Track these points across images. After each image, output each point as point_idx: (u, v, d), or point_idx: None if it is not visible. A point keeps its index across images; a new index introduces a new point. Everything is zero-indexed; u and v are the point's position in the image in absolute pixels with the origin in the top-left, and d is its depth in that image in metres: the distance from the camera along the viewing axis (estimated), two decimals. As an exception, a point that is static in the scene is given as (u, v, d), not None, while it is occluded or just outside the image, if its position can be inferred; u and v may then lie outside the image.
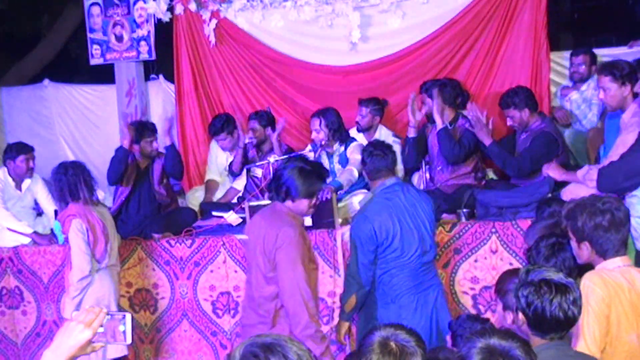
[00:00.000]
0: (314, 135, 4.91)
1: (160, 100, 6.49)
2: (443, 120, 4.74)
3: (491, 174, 5.16)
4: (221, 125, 5.56)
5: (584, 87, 5.22)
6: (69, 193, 4.22)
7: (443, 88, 4.78)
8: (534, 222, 3.59)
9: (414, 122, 4.86)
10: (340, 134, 4.87)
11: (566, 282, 2.31)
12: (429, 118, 4.98)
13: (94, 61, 6.35)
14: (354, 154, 4.77)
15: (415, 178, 5.34)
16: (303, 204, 3.38)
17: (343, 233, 4.40)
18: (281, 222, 3.30)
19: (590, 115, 5.14)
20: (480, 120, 4.55)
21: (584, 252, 2.74)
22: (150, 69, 6.44)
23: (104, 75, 6.64)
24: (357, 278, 3.57)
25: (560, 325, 2.31)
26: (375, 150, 3.71)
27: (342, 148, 4.91)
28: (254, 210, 4.51)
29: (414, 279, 3.59)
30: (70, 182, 4.23)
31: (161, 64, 6.46)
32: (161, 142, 5.22)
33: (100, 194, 5.00)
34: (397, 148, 5.48)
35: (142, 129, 5.08)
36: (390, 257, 3.57)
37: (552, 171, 4.36)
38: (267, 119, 5.35)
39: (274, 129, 5.30)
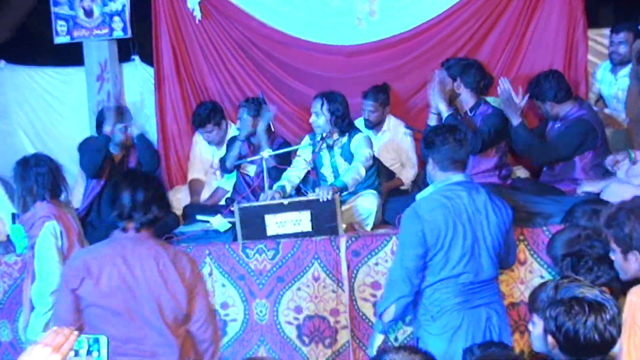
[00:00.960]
0: (312, 119, 4.81)
1: (136, 85, 6.44)
2: (463, 106, 4.70)
3: (519, 172, 5.12)
4: (207, 114, 5.52)
5: (623, 71, 5.15)
6: (37, 191, 4.10)
7: (468, 68, 4.74)
8: (563, 228, 3.53)
9: (435, 108, 4.68)
10: (343, 123, 4.83)
11: (602, 300, 2.30)
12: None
13: (58, 39, 6.29)
14: (361, 148, 4.71)
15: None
16: None
17: (347, 240, 4.37)
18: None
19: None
20: (511, 95, 4.48)
21: (631, 264, 2.69)
22: (125, 49, 6.38)
23: (71, 56, 6.55)
24: (399, 285, 3.44)
25: (597, 349, 2.30)
26: (452, 136, 3.51)
27: (345, 139, 4.85)
28: (245, 213, 4.51)
29: (460, 296, 3.45)
30: (40, 178, 4.10)
31: (138, 43, 6.39)
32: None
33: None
34: (408, 142, 5.49)
35: (115, 113, 5.05)
36: (435, 267, 3.44)
37: (589, 187, 4.30)
38: (258, 108, 5.28)
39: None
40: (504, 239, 3.55)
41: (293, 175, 4.93)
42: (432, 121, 4.71)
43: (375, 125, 5.38)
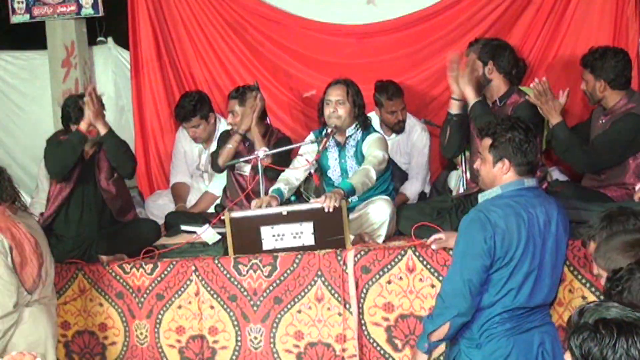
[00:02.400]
0: (330, 110, 4.81)
1: (109, 72, 6.49)
2: (492, 94, 4.70)
3: (556, 174, 5.17)
4: (192, 107, 5.54)
5: None
6: None
7: (501, 50, 4.76)
8: (608, 236, 3.50)
9: (457, 93, 4.67)
10: (363, 117, 4.89)
11: (634, 319, 2.29)
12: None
13: (16, 19, 6.33)
14: (374, 149, 4.77)
15: (453, 178, 5.39)
16: None
17: (356, 255, 4.41)
18: None
19: None
20: (547, 89, 4.47)
21: None
22: (96, 30, 6.45)
23: (31, 38, 6.61)
24: (457, 300, 3.38)
25: None
26: (530, 134, 3.49)
27: (359, 135, 4.92)
28: (237, 223, 4.57)
29: (513, 320, 3.46)
30: None
31: (111, 23, 6.45)
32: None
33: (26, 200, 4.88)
34: (424, 140, 5.56)
35: (83, 104, 4.96)
36: (496, 285, 3.43)
37: None
38: (254, 96, 5.22)
39: (263, 114, 5.28)
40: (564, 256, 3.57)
41: (292, 176, 4.95)
42: (455, 109, 4.69)
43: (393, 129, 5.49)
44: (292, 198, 4.99)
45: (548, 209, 3.49)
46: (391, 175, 5.01)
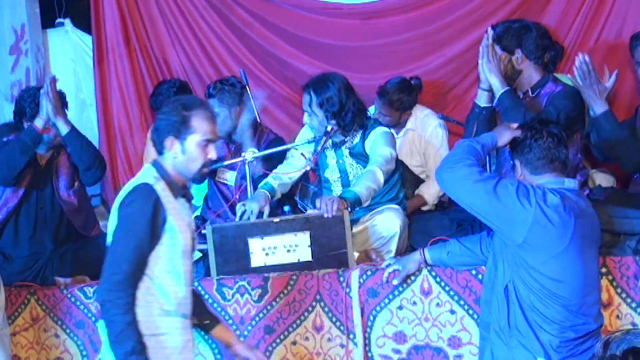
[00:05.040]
0: (304, 119, 4.88)
1: (67, 59, 6.49)
2: (524, 84, 4.66)
3: (599, 179, 5.13)
4: (174, 94, 5.48)
5: None
6: None
7: (526, 33, 4.74)
8: None
9: (486, 82, 4.62)
10: (343, 119, 4.78)
11: None
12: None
13: (-48, -2, 6.30)
14: (379, 146, 4.72)
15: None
16: None
17: (361, 275, 4.38)
18: None
19: None
20: (592, 72, 4.42)
21: None
22: (51, 10, 6.39)
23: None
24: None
25: None
26: (543, 129, 3.80)
27: (358, 136, 4.88)
28: (221, 236, 4.53)
29: None
30: None
31: (70, 1, 6.43)
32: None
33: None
34: (440, 137, 5.52)
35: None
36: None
37: None
38: (236, 94, 5.23)
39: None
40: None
41: (284, 174, 4.92)
42: (483, 100, 4.65)
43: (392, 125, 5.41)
44: (286, 208, 4.91)
45: (592, 213, 3.81)
46: (401, 180, 4.96)
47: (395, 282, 4.31)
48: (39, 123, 4.92)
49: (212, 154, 3.58)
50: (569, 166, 3.85)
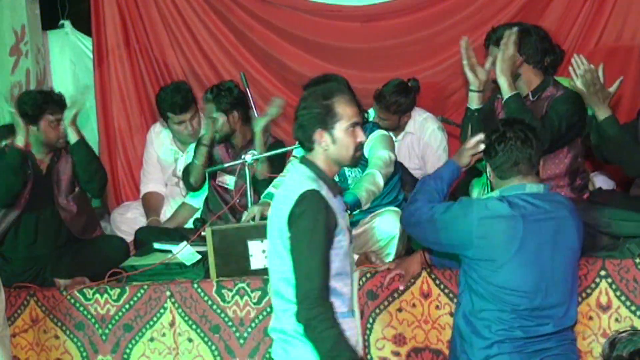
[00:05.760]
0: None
1: (67, 61, 6.50)
2: (523, 89, 4.61)
3: (599, 182, 5.13)
4: (186, 93, 5.49)
5: None
6: None
7: (525, 36, 4.73)
8: None
9: (476, 84, 4.59)
10: None
11: None
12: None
13: (-50, -2, 6.30)
14: (378, 149, 4.72)
15: (476, 186, 5.28)
16: None
17: (361, 277, 4.36)
18: None
19: None
20: (595, 76, 4.37)
21: None
22: (52, 12, 6.41)
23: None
24: None
25: None
26: (511, 133, 3.80)
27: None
28: (221, 239, 4.53)
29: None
30: None
31: (69, 3, 6.45)
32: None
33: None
34: (439, 140, 5.57)
35: (42, 101, 5.02)
36: None
37: None
38: (236, 96, 5.23)
39: (244, 110, 5.22)
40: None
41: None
42: (475, 102, 4.58)
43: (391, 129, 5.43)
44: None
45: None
46: (400, 182, 4.95)
47: (401, 287, 4.31)
48: (20, 142, 4.90)
49: (361, 137, 3.54)
50: (536, 165, 3.83)
